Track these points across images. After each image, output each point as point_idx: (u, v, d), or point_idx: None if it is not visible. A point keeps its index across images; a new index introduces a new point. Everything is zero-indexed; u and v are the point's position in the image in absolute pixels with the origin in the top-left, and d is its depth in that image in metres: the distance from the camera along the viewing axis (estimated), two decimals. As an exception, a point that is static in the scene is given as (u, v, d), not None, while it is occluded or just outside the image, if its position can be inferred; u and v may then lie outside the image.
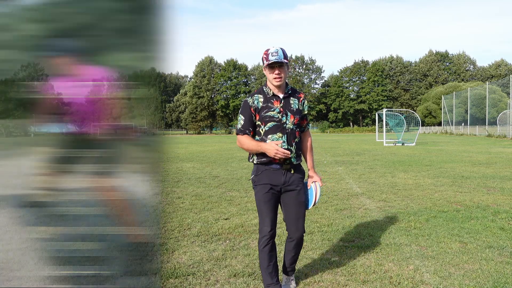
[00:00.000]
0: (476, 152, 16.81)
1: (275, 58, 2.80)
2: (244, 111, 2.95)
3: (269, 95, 2.94)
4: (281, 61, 2.81)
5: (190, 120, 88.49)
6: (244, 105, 2.95)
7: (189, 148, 23.39)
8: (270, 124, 2.90)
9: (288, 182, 2.97)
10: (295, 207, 2.99)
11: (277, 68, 2.85)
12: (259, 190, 2.95)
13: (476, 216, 5.32)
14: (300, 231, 3.00)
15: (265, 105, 2.92)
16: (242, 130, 2.95)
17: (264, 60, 2.87)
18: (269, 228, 2.90)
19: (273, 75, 2.87)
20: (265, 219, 2.92)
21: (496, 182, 8.26)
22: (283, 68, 2.87)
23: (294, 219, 2.99)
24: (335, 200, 6.55)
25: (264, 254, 2.91)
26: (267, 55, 2.84)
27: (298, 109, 2.98)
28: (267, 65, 2.86)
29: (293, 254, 3.11)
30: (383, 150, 19.43)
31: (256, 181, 2.98)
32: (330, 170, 10.84)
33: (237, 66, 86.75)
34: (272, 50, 2.83)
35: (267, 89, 2.97)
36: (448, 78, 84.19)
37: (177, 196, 7.06)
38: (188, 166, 12.31)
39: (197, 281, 3.29)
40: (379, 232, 4.60)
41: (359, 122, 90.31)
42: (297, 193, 3.00)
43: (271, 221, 2.92)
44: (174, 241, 4.34)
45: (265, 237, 2.90)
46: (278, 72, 2.85)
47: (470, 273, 3.39)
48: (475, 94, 51.06)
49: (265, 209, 2.92)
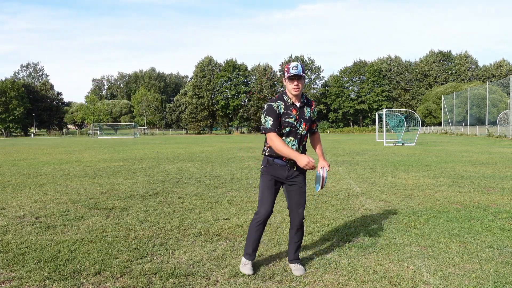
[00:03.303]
0: (476, 152, 16.81)
1: (295, 72, 3.27)
2: (272, 113, 3.33)
3: (288, 103, 3.38)
4: (300, 74, 3.28)
5: (190, 120, 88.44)
6: (271, 108, 3.34)
7: (189, 148, 23.38)
8: (287, 128, 3.37)
9: (291, 176, 3.43)
10: (297, 197, 3.46)
11: (296, 80, 3.30)
12: (265, 178, 3.45)
13: (476, 216, 5.32)
14: (300, 216, 3.47)
15: (285, 111, 3.36)
16: (272, 129, 3.31)
17: (286, 73, 3.32)
18: (266, 210, 3.39)
19: (292, 86, 3.32)
20: (264, 202, 3.41)
21: (496, 182, 8.26)
22: (301, 80, 3.33)
23: (296, 207, 3.47)
24: (335, 200, 6.55)
25: (255, 231, 3.43)
26: (288, 69, 3.30)
27: (309, 117, 3.48)
28: (288, 77, 3.30)
29: (296, 241, 3.53)
30: (383, 150, 19.42)
31: (264, 171, 3.46)
32: (330, 170, 10.84)
33: (237, 66, 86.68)
34: (293, 64, 3.31)
35: (287, 98, 3.40)
36: (449, 78, 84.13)
37: (177, 196, 7.06)
38: (188, 166, 12.31)
39: (197, 281, 3.29)
40: (379, 232, 4.59)
41: (359, 122, 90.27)
42: (301, 188, 3.46)
43: (269, 204, 3.41)
44: (174, 241, 4.34)
45: (261, 216, 3.40)
46: (297, 83, 3.31)
47: (470, 273, 3.39)
48: (475, 94, 51.05)
49: (267, 194, 3.42)
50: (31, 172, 10.96)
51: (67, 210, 5.92)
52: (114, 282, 3.26)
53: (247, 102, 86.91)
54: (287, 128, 3.35)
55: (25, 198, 6.99)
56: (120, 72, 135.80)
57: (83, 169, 11.65)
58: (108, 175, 10.20)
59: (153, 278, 3.34)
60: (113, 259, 3.78)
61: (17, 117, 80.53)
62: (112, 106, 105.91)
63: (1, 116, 78.86)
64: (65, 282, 3.25)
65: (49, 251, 4.01)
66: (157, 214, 5.67)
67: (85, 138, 56.80)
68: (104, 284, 3.23)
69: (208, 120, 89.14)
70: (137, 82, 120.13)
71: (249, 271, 3.42)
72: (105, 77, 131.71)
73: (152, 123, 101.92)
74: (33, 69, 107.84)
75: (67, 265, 3.61)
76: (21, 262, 3.72)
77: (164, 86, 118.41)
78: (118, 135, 75.13)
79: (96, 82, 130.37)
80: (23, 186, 8.43)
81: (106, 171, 11.15)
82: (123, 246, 4.17)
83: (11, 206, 6.28)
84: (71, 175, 10.20)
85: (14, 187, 8.31)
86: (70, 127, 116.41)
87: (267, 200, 3.40)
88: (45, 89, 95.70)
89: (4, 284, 3.23)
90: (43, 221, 5.28)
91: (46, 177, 9.82)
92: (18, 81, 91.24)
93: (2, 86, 78.83)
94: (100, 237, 4.48)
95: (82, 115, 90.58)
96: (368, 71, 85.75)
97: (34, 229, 4.85)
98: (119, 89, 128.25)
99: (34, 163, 14.03)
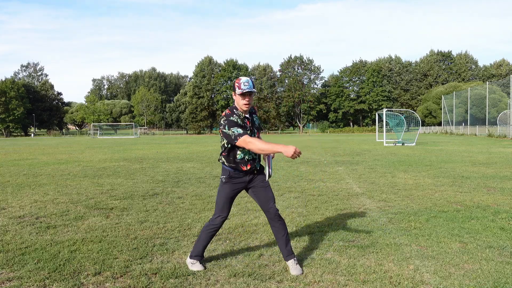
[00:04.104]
0: (476, 152, 16.81)
1: (247, 88, 3.29)
2: (234, 123, 3.32)
3: (241, 116, 3.40)
4: (251, 91, 3.31)
5: (190, 120, 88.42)
6: (231, 121, 3.33)
7: (189, 148, 23.38)
8: None
9: (252, 180, 3.54)
10: (264, 194, 3.53)
11: (248, 96, 3.33)
12: (226, 189, 3.51)
13: (476, 216, 5.32)
14: (274, 209, 3.49)
15: (242, 124, 3.36)
16: (245, 132, 3.31)
17: (237, 88, 3.32)
18: (223, 217, 3.54)
19: (244, 102, 3.34)
20: (224, 210, 3.52)
21: (496, 182, 8.26)
22: (252, 96, 3.37)
23: (266, 203, 3.51)
24: (335, 200, 6.55)
25: (207, 235, 3.57)
26: (239, 84, 3.31)
27: (259, 125, 3.61)
28: (240, 94, 3.31)
29: (282, 234, 3.51)
30: (383, 150, 19.42)
31: (225, 181, 3.51)
32: (330, 170, 10.84)
33: (237, 66, 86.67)
34: (243, 80, 3.33)
35: (238, 112, 3.40)
36: (449, 78, 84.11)
37: (177, 196, 7.06)
38: (188, 166, 12.31)
39: (197, 281, 3.29)
40: (379, 232, 4.59)
41: (359, 122, 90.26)
42: (264, 185, 3.55)
43: (227, 212, 3.55)
44: (174, 241, 4.34)
45: (218, 224, 3.54)
46: (248, 99, 3.35)
47: (470, 273, 3.39)
48: (475, 94, 51.05)
49: (226, 203, 3.52)
50: (31, 172, 10.96)
51: (67, 210, 5.92)
52: (114, 282, 3.26)
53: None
54: None
55: (25, 198, 6.99)
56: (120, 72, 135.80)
57: (83, 169, 11.65)
58: (108, 175, 10.20)
59: (153, 278, 3.34)
60: (113, 259, 3.78)
61: (17, 117, 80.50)
62: (112, 106, 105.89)
63: (1, 116, 78.83)
64: (65, 282, 3.25)
65: (49, 251, 4.01)
66: (157, 214, 5.67)
67: (85, 138, 56.81)
68: (104, 284, 3.22)
69: (208, 120, 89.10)
70: (137, 82, 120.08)
71: (201, 267, 3.52)
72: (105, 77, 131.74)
73: (152, 123, 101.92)
74: (33, 69, 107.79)
75: (67, 265, 3.61)
76: (21, 262, 3.72)
77: (164, 86, 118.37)
78: (118, 135, 75.13)
79: (96, 82, 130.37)
80: (23, 186, 8.43)
81: (106, 171, 11.15)
82: (123, 246, 4.17)
83: (11, 206, 6.28)
84: (71, 175, 10.20)
85: (14, 187, 8.31)
86: (70, 127, 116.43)
87: (226, 208, 3.52)
88: (45, 89, 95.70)
89: (4, 284, 3.23)
90: (43, 221, 5.28)
91: (46, 177, 9.82)
92: (18, 81, 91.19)
93: (2, 86, 78.80)
94: (100, 237, 4.48)
95: (82, 115, 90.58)
96: (368, 71, 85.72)
97: (34, 229, 4.85)
98: (119, 89, 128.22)
99: (34, 163, 14.04)
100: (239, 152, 3.42)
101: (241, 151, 3.42)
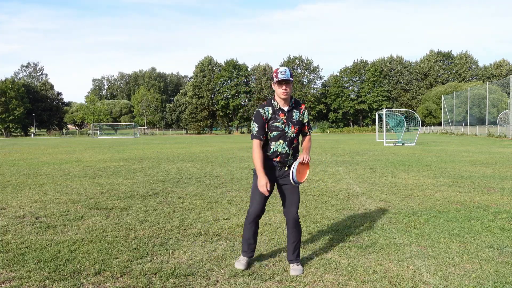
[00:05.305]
0: (476, 152, 16.81)
1: (284, 77, 3.36)
2: (258, 120, 3.46)
3: (276, 108, 3.48)
4: (288, 79, 3.37)
5: (190, 120, 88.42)
6: (257, 115, 3.47)
7: (189, 148, 23.38)
8: (274, 132, 3.46)
9: (282, 175, 3.52)
10: (289, 195, 3.54)
11: (284, 84, 3.40)
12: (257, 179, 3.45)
13: (476, 216, 5.32)
14: (293, 215, 3.52)
15: (273, 116, 3.47)
16: (257, 136, 3.44)
17: (274, 77, 3.41)
18: (257, 209, 3.51)
19: (281, 90, 3.41)
20: (254, 202, 3.52)
21: (496, 182, 8.26)
22: (289, 85, 3.41)
23: (289, 205, 3.55)
24: (335, 200, 6.55)
25: (248, 229, 3.58)
26: (277, 73, 3.40)
27: (299, 120, 3.54)
28: (277, 82, 3.39)
29: (293, 241, 3.55)
30: (383, 150, 19.42)
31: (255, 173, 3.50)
32: (330, 170, 10.84)
33: (237, 66, 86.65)
34: (281, 69, 3.40)
35: (274, 102, 3.50)
36: (449, 78, 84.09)
37: (177, 196, 7.06)
38: (188, 166, 12.31)
39: (197, 281, 3.29)
40: (379, 232, 4.59)
41: (359, 122, 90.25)
42: (293, 186, 3.53)
43: (258, 204, 3.51)
44: (174, 241, 4.34)
45: (251, 215, 3.53)
46: (285, 88, 3.41)
47: (470, 273, 3.39)
48: (475, 94, 51.04)
49: (256, 194, 3.50)
50: (31, 172, 10.96)
51: (67, 210, 5.92)
52: (114, 282, 3.26)
53: (247, 102, 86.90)
54: (275, 132, 3.45)
55: (25, 198, 6.99)
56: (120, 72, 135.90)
57: (83, 169, 11.65)
58: (108, 175, 10.20)
59: (153, 278, 3.34)
60: (113, 259, 3.78)
61: (17, 117, 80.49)
62: (112, 106, 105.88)
63: (1, 116, 78.83)
64: (65, 282, 3.25)
65: (49, 251, 4.01)
66: (157, 214, 5.66)
67: (85, 138, 56.80)
68: (104, 284, 3.22)
69: (208, 120, 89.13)
70: (137, 82, 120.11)
71: (241, 266, 3.53)
72: (105, 77, 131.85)
73: (152, 123, 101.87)
74: (33, 69, 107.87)
75: (67, 265, 3.61)
76: (21, 262, 3.72)
77: (164, 86, 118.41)
78: (118, 135, 75.12)
79: (96, 82, 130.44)
80: (23, 186, 8.43)
81: (106, 171, 11.15)
82: (123, 246, 4.17)
83: (11, 206, 6.28)
84: (71, 175, 10.20)
85: (14, 187, 8.31)
86: (70, 127, 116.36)
87: (256, 200, 3.51)
88: (45, 89, 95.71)
89: (4, 284, 3.23)
90: (43, 221, 5.28)
91: (46, 177, 9.82)
92: (18, 81, 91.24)
93: (2, 86, 78.80)
94: (100, 237, 4.48)
95: (82, 115, 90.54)
96: (368, 71, 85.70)
97: (34, 229, 4.85)
98: (119, 89, 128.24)
99: (34, 163, 14.03)
100: (272, 146, 3.48)
101: (274, 145, 3.47)
